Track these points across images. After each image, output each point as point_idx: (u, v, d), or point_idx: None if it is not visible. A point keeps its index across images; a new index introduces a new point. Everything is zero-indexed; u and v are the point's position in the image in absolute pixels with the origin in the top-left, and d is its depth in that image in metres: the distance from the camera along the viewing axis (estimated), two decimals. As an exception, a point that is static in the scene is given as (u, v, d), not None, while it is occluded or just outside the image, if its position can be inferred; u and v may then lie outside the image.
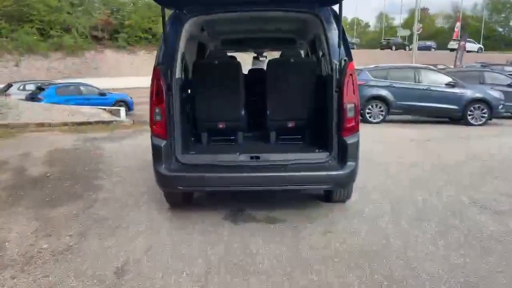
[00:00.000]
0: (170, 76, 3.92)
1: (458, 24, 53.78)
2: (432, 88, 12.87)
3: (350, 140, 3.87)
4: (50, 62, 36.56)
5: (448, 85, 12.80)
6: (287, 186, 3.90)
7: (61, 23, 37.44)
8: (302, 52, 7.13)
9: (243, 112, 4.58)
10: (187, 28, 4.08)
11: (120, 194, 5.24)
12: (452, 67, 24.13)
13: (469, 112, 12.70)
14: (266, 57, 7.53)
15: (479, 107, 12.67)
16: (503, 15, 68.87)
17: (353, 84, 3.84)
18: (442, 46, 50.62)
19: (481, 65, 22.51)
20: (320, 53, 5.21)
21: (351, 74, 3.82)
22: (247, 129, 4.87)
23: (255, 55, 7.59)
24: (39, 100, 17.25)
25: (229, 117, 4.57)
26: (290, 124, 4.60)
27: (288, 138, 4.75)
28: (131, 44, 41.06)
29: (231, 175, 3.85)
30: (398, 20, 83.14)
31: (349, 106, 3.84)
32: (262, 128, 5.03)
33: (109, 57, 39.72)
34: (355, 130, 3.90)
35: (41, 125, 11.89)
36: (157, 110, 3.88)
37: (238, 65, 4.48)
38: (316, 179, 3.84)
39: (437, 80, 13.12)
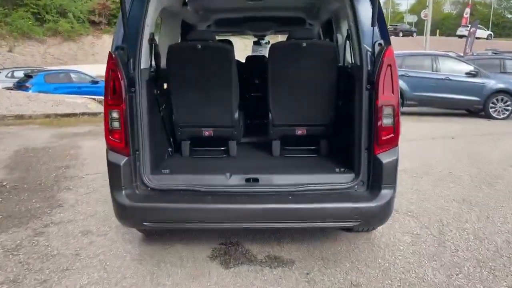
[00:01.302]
0: (132, 66, 2.78)
1: (468, 10, 51.96)
2: (451, 78, 11.67)
3: (386, 158, 2.74)
4: (46, 47, 35.34)
5: (469, 74, 11.61)
6: (296, 223, 2.79)
7: (57, 7, 36.09)
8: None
9: (236, 115, 3.43)
10: None
11: (83, 215, 4.14)
12: (462, 54, 22.84)
13: (491, 104, 11.56)
14: (268, 42, 6.34)
15: (502, 99, 11.51)
16: (512, 1, 66.78)
17: (392, 78, 2.69)
18: (450, 32, 48.88)
19: (493, 53, 21.19)
20: (340, 36, 4.03)
21: (389, 65, 2.68)
22: (242, 137, 3.71)
23: (256, 39, 6.38)
24: (26, 88, 16.12)
25: (218, 121, 3.43)
26: (300, 131, 3.45)
27: (298, 150, 3.60)
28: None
29: (218, 207, 2.73)
30: (404, 6, 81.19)
31: (386, 110, 2.70)
32: (262, 135, 3.91)
33: (108, 42, 38.37)
34: (393, 144, 2.76)
35: (20, 117, 10.79)
36: (113, 114, 2.75)
37: (228, 51, 3.25)
38: (337, 214, 2.73)
39: (457, 69, 11.90)
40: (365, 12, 2.78)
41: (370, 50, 2.77)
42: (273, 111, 3.39)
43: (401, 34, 48.22)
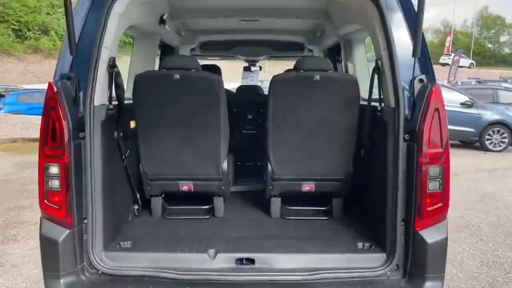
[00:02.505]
0: (82, 102, 1.99)
1: (449, 39, 53.17)
2: (446, 108, 11.17)
3: (432, 236, 2.00)
4: (26, 65, 34.22)
5: (464, 104, 11.17)
6: None
7: (39, 25, 35.20)
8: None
9: (225, 164, 2.64)
10: (122, 10, 2.16)
11: (25, 282, 3.26)
12: (445, 82, 22.80)
13: (487, 136, 11.13)
14: (260, 68, 5.64)
15: (498, 130, 11.11)
16: (493, 31, 68.86)
17: (441, 127, 1.98)
18: (433, 61, 49.59)
19: (477, 82, 21.18)
20: (351, 66, 3.34)
21: (437, 109, 1.97)
22: (232, 185, 2.90)
23: (246, 64, 5.65)
24: (-3, 108, 15.09)
25: (201, 172, 2.64)
26: (308, 187, 2.68)
27: (303, 211, 2.81)
28: (119, 48, 39.00)
29: None
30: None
31: (432, 170, 1.97)
32: (255, 182, 3.14)
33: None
34: (441, 216, 2.03)
35: (-17, 141, 9.78)
36: (51, 170, 1.96)
37: (215, 82, 2.48)
38: None
39: (451, 99, 11.44)
40: (402, 37, 2.07)
41: (408, 88, 2.05)
42: (273, 161, 2.62)
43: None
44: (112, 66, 2.15)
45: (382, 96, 2.24)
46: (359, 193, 2.64)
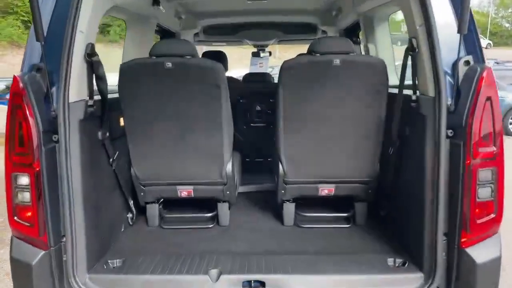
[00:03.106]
0: (55, 99, 1.66)
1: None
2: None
3: (482, 254, 1.65)
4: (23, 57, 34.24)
5: (485, 87, 10.59)
6: None
7: (49, 15, 35.13)
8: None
9: (229, 165, 2.28)
10: None
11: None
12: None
13: (510, 120, 10.61)
14: (270, 53, 5.24)
15: (520, 115, 10.57)
16: (510, 10, 66.65)
17: (494, 121, 1.59)
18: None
19: (495, 62, 20.40)
20: (372, 47, 2.94)
21: (489, 98, 1.57)
22: (238, 192, 2.54)
23: (255, 50, 5.25)
24: (5, 101, 14.99)
25: (202, 176, 2.29)
26: (326, 190, 2.31)
27: (321, 218, 2.44)
28: (123, 37, 38.65)
29: None
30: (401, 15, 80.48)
31: (483, 174, 1.60)
32: (265, 181, 2.80)
33: (100, 51, 36.99)
34: (493, 230, 1.66)
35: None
36: (20, 180, 1.63)
37: (216, 71, 2.07)
38: None
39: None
40: (443, 9, 1.68)
41: (451, 72, 1.66)
42: (285, 161, 2.25)
43: (399, 43, 47.70)
44: (90, 54, 1.80)
45: (417, 83, 1.85)
46: (386, 197, 2.26)
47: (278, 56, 18.04)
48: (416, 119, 1.83)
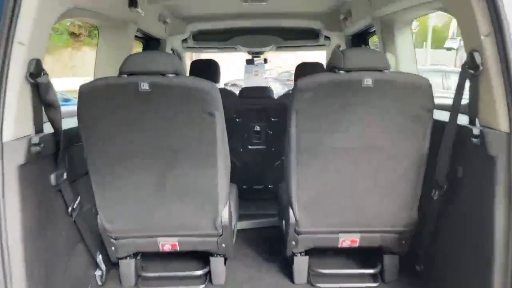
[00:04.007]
0: None
1: (454, 20, 51.90)
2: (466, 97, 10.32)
3: None
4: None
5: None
6: None
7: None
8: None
9: (225, 210, 1.77)
10: None
11: None
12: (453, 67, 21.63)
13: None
14: (266, 60, 4.79)
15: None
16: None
17: None
18: (437, 45, 48.39)
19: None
20: (392, 58, 2.50)
21: None
22: (234, 247, 2.04)
23: (249, 57, 4.78)
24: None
25: (190, 225, 1.78)
26: (348, 241, 1.82)
27: (341, 276, 1.95)
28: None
29: None
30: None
31: None
32: (267, 215, 2.34)
33: (88, 55, 36.36)
34: None
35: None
36: None
37: (208, 93, 1.55)
38: None
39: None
40: None
41: None
42: (298, 207, 1.76)
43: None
44: (35, 73, 1.32)
45: (478, 111, 1.40)
46: (424, 249, 1.80)
47: (269, 59, 17.49)
48: (478, 159, 1.38)
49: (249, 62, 4.72)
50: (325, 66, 4.39)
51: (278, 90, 14.07)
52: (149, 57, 1.57)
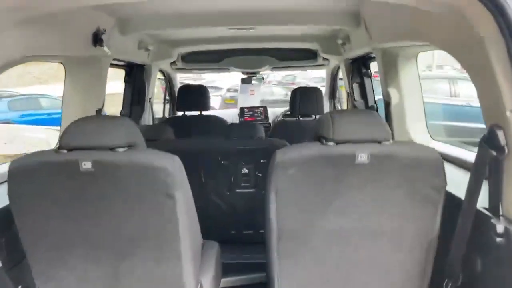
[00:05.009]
0: None
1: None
2: (473, 105, 9.99)
3: None
4: (24, 66, 33.51)
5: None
6: None
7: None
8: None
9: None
10: None
11: None
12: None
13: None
14: (263, 78, 4.54)
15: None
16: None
17: None
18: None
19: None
20: (395, 93, 2.23)
21: None
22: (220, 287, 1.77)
23: (244, 76, 4.52)
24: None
25: None
26: None
27: None
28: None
29: None
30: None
31: None
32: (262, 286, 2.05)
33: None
34: None
35: (-41, 161, 8.80)
36: None
37: (166, 173, 1.25)
38: None
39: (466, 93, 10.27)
40: None
41: None
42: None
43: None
44: None
45: (502, 200, 1.12)
46: None
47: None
48: (502, 258, 1.10)
49: (245, 81, 4.48)
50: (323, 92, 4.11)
51: (280, 96, 13.81)
52: (93, 127, 1.28)
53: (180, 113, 3.42)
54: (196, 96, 3.20)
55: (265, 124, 4.17)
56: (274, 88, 14.43)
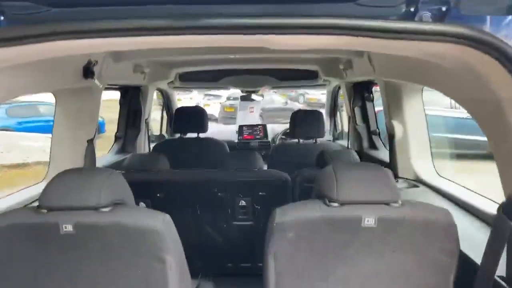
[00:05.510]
0: None
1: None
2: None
3: None
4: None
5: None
6: None
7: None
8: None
9: None
10: None
11: None
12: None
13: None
14: (262, 96, 4.47)
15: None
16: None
17: None
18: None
19: None
20: (399, 127, 2.14)
21: None
22: None
23: (243, 93, 4.43)
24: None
25: None
26: None
27: None
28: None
29: None
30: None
31: None
32: None
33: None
34: None
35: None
36: None
37: (157, 235, 1.14)
38: None
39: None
40: None
41: None
42: None
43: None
44: None
45: None
46: None
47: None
48: None
49: (244, 99, 4.40)
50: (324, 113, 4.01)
51: (279, 104, 13.70)
52: (76, 185, 1.18)
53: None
54: (193, 118, 3.11)
55: (264, 143, 4.09)
56: (274, 96, 14.32)
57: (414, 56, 1.11)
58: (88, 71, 1.81)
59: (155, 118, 4.12)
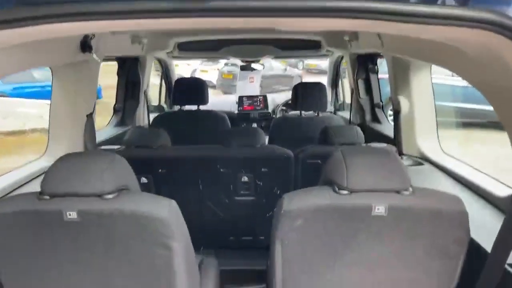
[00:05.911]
0: None
1: None
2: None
3: None
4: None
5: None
6: None
7: None
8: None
9: None
10: None
11: None
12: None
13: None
14: (263, 65, 4.36)
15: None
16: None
17: None
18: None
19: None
20: (405, 102, 2.10)
21: None
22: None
23: (243, 63, 4.32)
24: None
25: None
26: None
27: None
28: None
29: None
30: None
31: None
32: None
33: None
34: None
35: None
36: None
37: (163, 222, 1.13)
38: None
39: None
40: None
41: None
42: None
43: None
44: None
45: None
46: None
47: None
48: None
49: (244, 68, 4.30)
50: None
51: (279, 70, 13.47)
52: (79, 170, 1.14)
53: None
54: (193, 90, 3.05)
55: (265, 114, 4.04)
56: (273, 62, 14.10)
57: (431, 39, 1.06)
58: (85, 45, 1.75)
59: (154, 83, 4.03)
